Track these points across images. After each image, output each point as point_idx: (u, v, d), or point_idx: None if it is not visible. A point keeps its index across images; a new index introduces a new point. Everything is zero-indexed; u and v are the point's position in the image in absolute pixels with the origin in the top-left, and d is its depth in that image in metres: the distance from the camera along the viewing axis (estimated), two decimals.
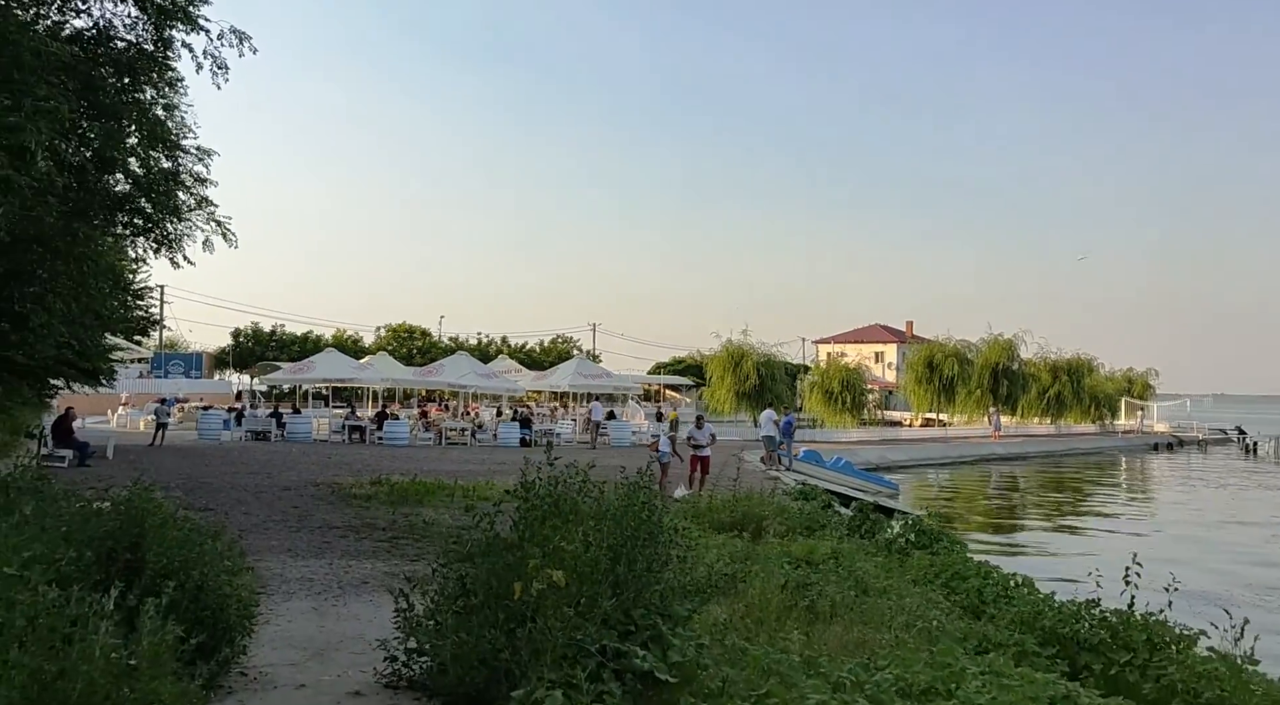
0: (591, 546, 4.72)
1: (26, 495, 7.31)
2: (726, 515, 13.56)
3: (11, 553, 3.94)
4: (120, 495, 10.07)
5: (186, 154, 17.04)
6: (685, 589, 5.11)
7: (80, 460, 21.29)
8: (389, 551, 11.73)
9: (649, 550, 4.96)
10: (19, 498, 7.18)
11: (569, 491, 5.29)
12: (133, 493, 5.46)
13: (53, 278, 12.05)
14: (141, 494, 5.47)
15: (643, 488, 5.62)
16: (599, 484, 5.80)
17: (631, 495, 5.50)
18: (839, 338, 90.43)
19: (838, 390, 46.49)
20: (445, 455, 28.36)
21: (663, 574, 4.94)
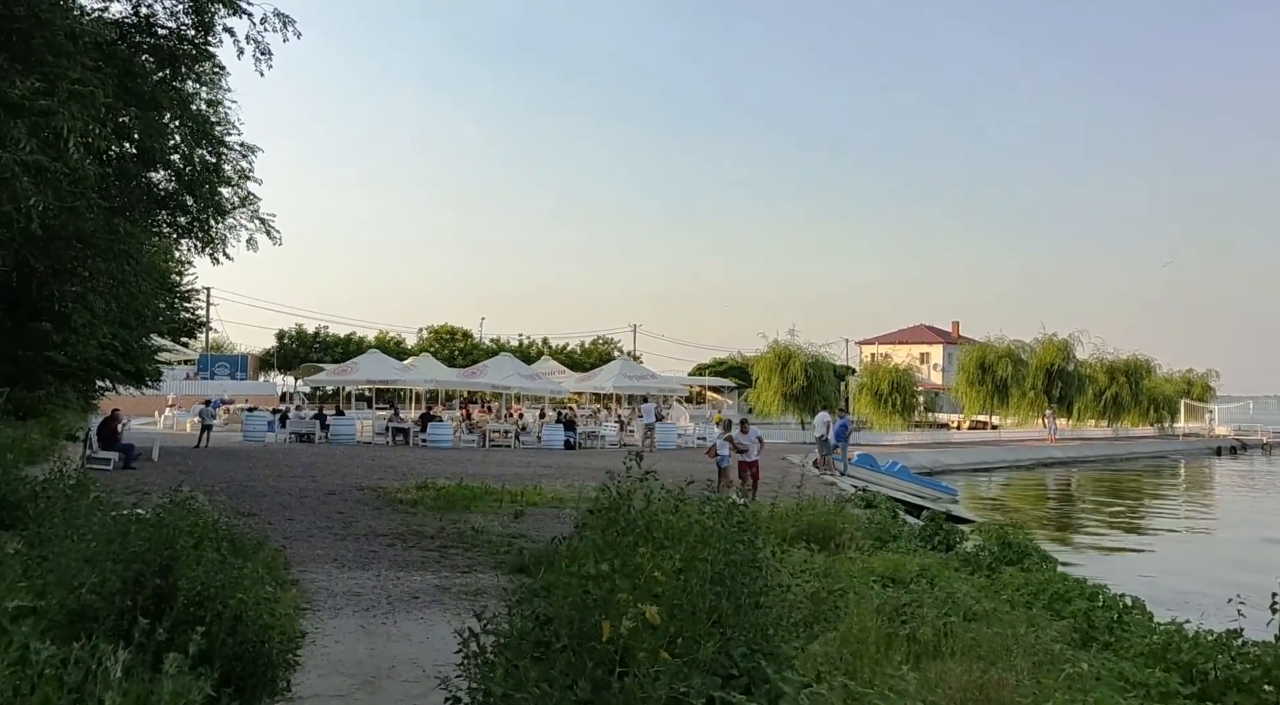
0: (688, 575, 4.01)
1: (58, 503, 6.81)
2: (792, 525, 12.79)
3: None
4: (160, 503, 9.61)
5: (230, 150, 16.65)
6: (790, 622, 4.38)
7: (125, 463, 21.06)
8: (438, 562, 11.14)
9: (751, 578, 4.25)
10: (50, 506, 6.67)
11: (663, 509, 4.58)
12: (164, 509, 4.85)
13: (93, 276, 11.64)
14: (172, 511, 4.85)
15: (738, 503, 4.90)
16: (686, 497, 5.09)
17: (728, 512, 4.79)
18: (883, 338, 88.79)
19: (887, 392, 45.33)
20: (489, 458, 27.86)
21: (766, 605, 4.22)
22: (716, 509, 4.76)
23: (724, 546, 4.24)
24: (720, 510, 4.78)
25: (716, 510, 4.75)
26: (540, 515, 15.49)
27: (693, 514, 4.60)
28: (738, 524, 4.64)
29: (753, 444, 18.89)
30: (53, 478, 7.86)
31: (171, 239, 18.25)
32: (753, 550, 4.43)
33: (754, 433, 19.42)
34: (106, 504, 7.86)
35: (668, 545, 4.13)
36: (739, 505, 5.69)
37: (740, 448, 18.86)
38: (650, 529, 4.21)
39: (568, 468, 24.92)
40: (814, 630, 5.15)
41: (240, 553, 9.12)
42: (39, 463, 10.18)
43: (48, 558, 4.30)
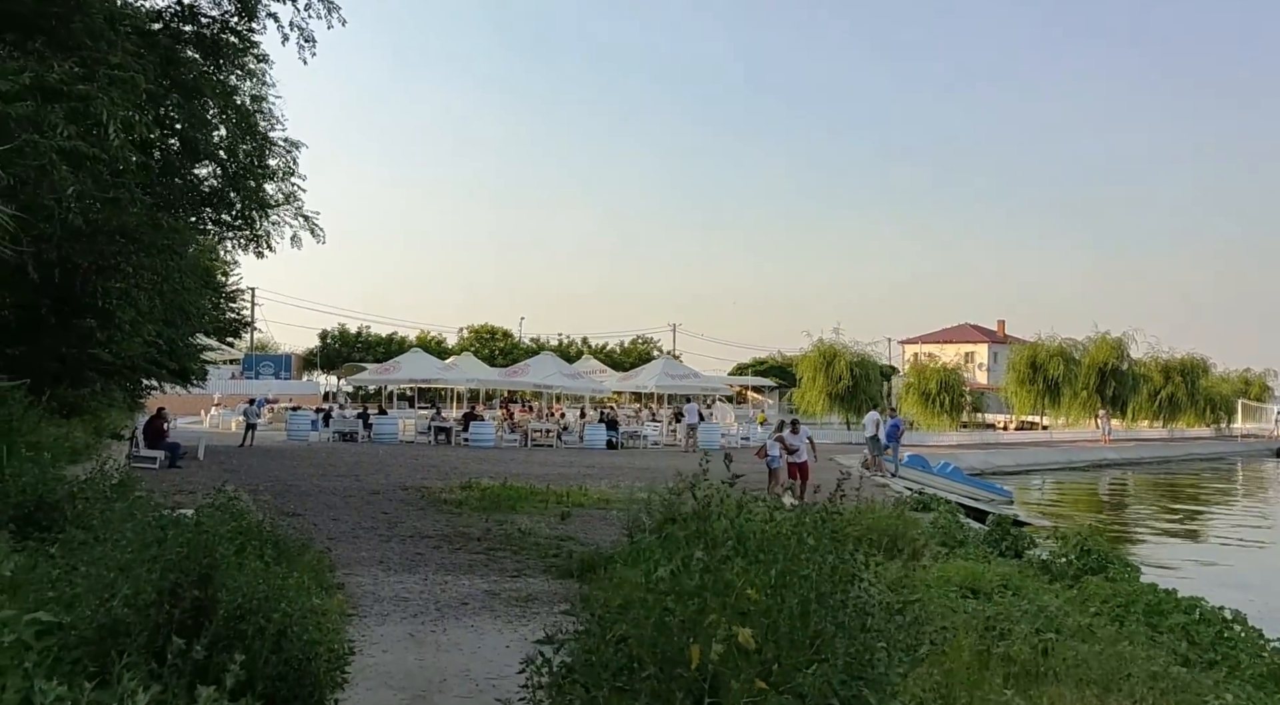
0: (785, 593, 3.53)
1: (97, 504, 6.50)
2: (854, 530, 12.25)
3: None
4: (202, 504, 9.34)
5: (274, 146, 16.46)
6: (893, 644, 3.88)
7: (171, 461, 21.05)
8: (486, 565, 10.77)
9: (854, 596, 3.76)
10: (89, 507, 6.37)
11: (755, 519, 4.11)
12: (204, 512, 4.47)
13: (137, 272, 11.44)
14: (212, 515, 4.48)
15: (833, 511, 4.42)
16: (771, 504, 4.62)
17: (822, 522, 4.30)
18: (927, 338, 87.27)
19: (935, 391, 44.30)
20: (531, 457, 27.56)
21: (874, 628, 3.73)
22: (809, 517, 4.27)
23: (824, 560, 3.74)
24: (813, 519, 4.28)
25: (808, 519, 4.25)
26: (587, 517, 15.10)
27: (787, 523, 4.09)
28: (832, 534, 4.14)
29: (803, 444, 18.38)
30: (94, 477, 7.59)
31: (216, 237, 18.09)
32: (855, 565, 3.93)
33: (804, 433, 18.92)
34: (147, 505, 7.57)
35: (762, 559, 3.64)
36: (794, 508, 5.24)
37: (790, 448, 18.34)
38: (742, 541, 3.72)
39: (611, 468, 24.52)
40: (918, 653, 4.63)
41: (285, 555, 8.82)
42: (81, 461, 9.97)
43: (77, 567, 3.94)
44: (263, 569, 4.30)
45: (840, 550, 3.99)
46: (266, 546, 8.61)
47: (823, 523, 4.52)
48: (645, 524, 11.45)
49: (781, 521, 4.33)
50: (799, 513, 5.52)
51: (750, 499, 5.72)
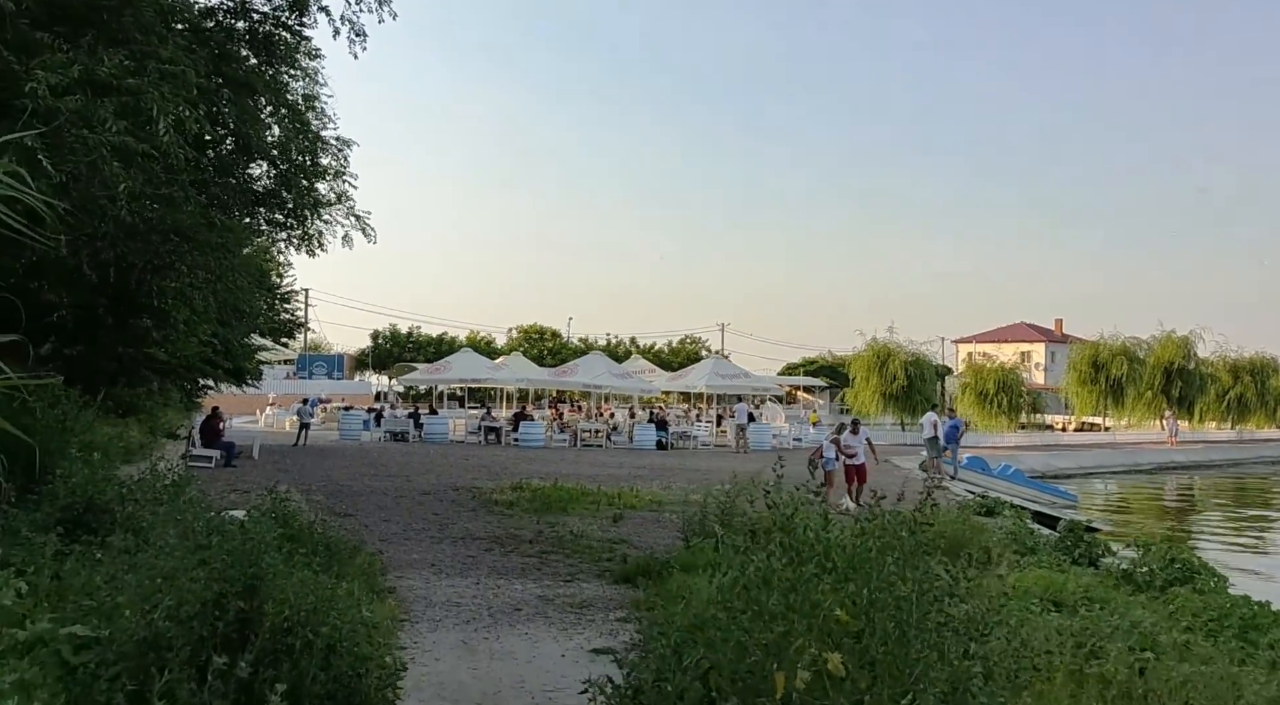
0: (876, 614, 3.18)
1: (147, 506, 6.37)
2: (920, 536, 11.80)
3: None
4: (253, 506, 9.22)
5: (326, 146, 16.45)
6: (991, 670, 3.50)
7: (226, 461, 21.24)
8: (538, 569, 10.52)
9: (950, 618, 3.40)
10: (139, 509, 6.23)
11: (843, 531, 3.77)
12: (251, 518, 4.25)
13: (191, 271, 11.41)
14: (259, 521, 4.25)
15: (921, 523, 4.06)
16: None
17: (909, 534, 3.94)
18: (981, 337, 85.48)
19: (993, 391, 43.18)
20: (581, 458, 27.37)
21: (979, 654, 3.36)
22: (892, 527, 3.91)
23: (921, 578, 3.38)
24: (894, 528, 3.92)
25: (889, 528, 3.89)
26: (639, 519, 14.82)
27: (876, 535, 3.74)
28: (917, 546, 3.78)
29: (861, 446, 17.89)
30: (145, 478, 7.48)
31: (269, 238, 18.14)
32: (951, 582, 3.56)
33: (863, 434, 18.44)
34: (198, 507, 7.44)
35: (852, 577, 3.30)
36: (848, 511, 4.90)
37: (848, 451, 17.88)
38: (829, 555, 3.38)
39: (662, 469, 24.22)
40: (1019, 680, 4.24)
41: (336, 558, 8.67)
42: (136, 461, 9.94)
43: (115, 576, 3.75)
44: (311, 578, 4.05)
45: (928, 565, 3.62)
46: (318, 549, 8.49)
47: (909, 535, 4.15)
48: (700, 528, 11.13)
49: (868, 533, 3.97)
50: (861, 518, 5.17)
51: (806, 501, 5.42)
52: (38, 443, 7.92)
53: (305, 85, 14.85)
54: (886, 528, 3.94)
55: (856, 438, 17.89)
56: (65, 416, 8.31)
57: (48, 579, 4.68)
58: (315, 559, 8.13)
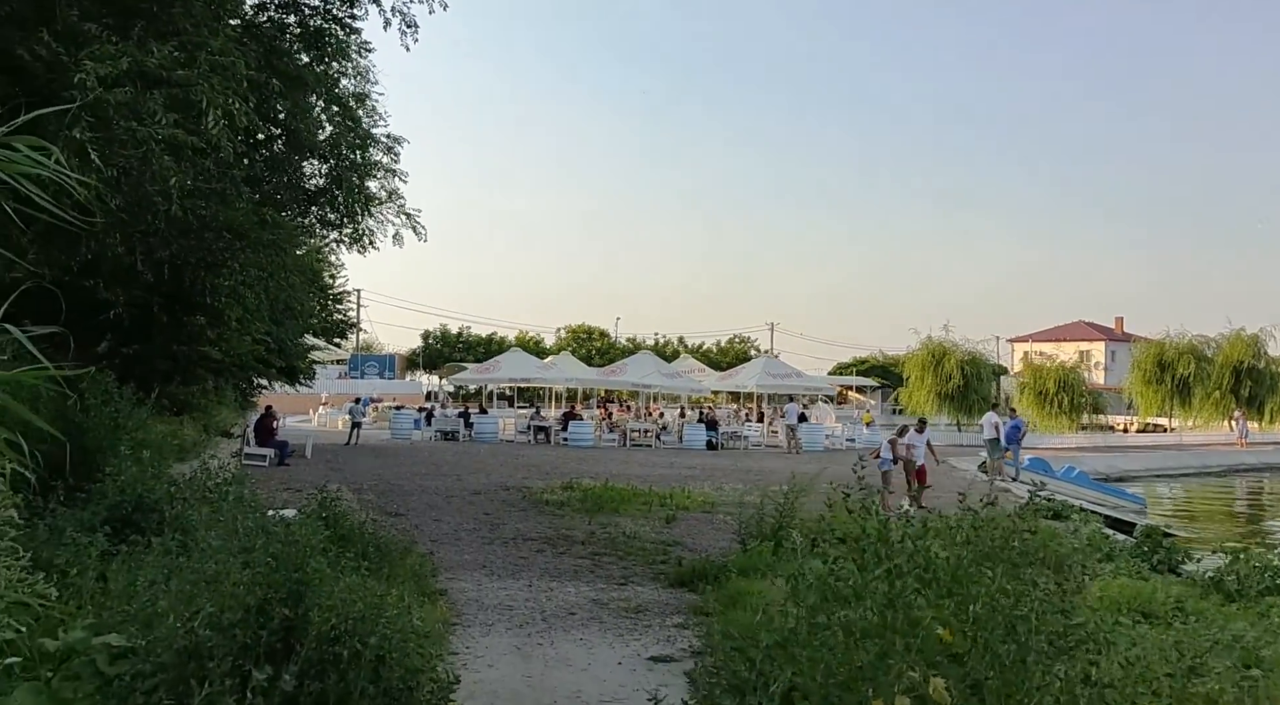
0: (984, 633, 2.84)
1: (196, 505, 6.23)
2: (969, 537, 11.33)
3: None
4: (302, 507, 9.11)
5: (377, 143, 16.40)
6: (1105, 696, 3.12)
7: (280, 459, 21.39)
8: (592, 571, 10.27)
9: (1078, 640, 3.03)
10: (186, 509, 6.09)
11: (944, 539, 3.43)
12: (298, 519, 4.03)
13: (244, 268, 11.38)
14: (305, 523, 4.03)
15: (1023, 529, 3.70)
16: None
17: (1006, 543, 3.58)
18: (1037, 336, 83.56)
19: (1053, 391, 41.96)
20: (631, 458, 27.10)
21: (1091, 679, 2.99)
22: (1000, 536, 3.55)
23: (1030, 593, 3.02)
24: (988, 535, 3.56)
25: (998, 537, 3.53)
26: (692, 520, 14.51)
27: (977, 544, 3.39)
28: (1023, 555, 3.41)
29: (923, 446, 17.43)
30: (196, 476, 7.36)
31: (321, 236, 18.18)
32: (1059, 598, 3.20)
33: (926, 434, 18.01)
34: (246, 506, 7.31)
35: (956, 592, 2.95)
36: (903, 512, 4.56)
37: (906, 454, 17.38)
38: (930, 567, 3.03)
39: (713, 469, 23.85)
40: None
41: (387, 559, 8.50)
42: (189, 459, 9.89)
43: (155, 580, 3.55)
44: (360, 583, 3.82)
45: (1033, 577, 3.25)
46: (368, 551, 8.33)
47: (1007, 544, 3.79)
48: (758, 530, 10.79)
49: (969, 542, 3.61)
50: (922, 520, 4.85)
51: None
52: (90, 441, 7.90)
53: (357, 83, 14.78)
54: (987, 535, 3.58)
55: (921, 437, 17.46)
56: (118, 414, 8.25)
57: (92, 581, 4.51)
58: (365, 562, 7.99)
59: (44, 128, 6.50)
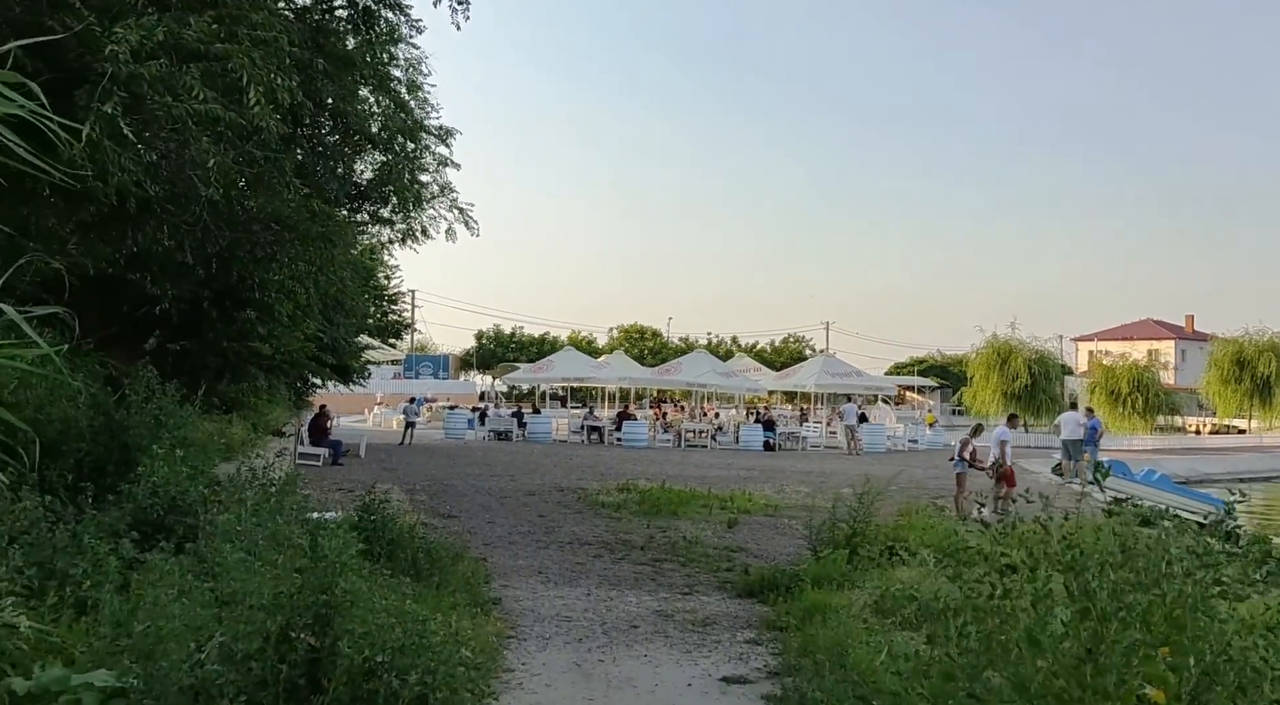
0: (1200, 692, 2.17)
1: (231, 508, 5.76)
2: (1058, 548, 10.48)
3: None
4: (358, 504, 8.67)
5: (429, 134, 16.00)
6: None
7: (334, 459, 21.20)
8: (653, 579, 9.67)
9: None
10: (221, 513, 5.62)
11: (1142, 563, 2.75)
12: (330, 528, 3.50)
13: (293, 262, 11.01)
14: (336, 534, 3.48)
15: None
16: None
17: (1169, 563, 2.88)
18: (1103, 335, 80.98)
19: (1126, 391, 40.25)
20: (686, 459, 26.45)
21: None
22: None
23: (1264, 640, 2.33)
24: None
25: None
26: (755, 524, 13.83)
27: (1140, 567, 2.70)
28: None
29: (995, 446, 16.47)
30: (236, 477, 6.93)
31: (374, 237, 17.88)
32: None
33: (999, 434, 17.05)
34: (288, 511, 6.85)
35: (1173, 640, 2.27)
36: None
37: (978, 458, 16.48)
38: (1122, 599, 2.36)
39: (772, 471, 23.09)
40: None
41: (437, 565, 8.01)
42: (235, 459, 9.52)
43: (158, 602, 3.03)
44: (399, 604, 3.25)
45: None
46: (417, 557, 7.84)
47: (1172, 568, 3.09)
48: (830, 537, 10.09)
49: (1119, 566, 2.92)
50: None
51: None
52: (131, 439, 7.53)
53: (408, 73, 14.40)
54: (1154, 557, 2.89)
55: (1010, 434, 16.51)
56: (161, 411, 7.88)
57: (109, 595, 4.02)
58: (413, 570, 7.50)
59: (75, 105, 6.12)
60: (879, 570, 9.12)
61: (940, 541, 9.97)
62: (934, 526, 10.26)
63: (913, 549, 9.85)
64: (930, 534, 9.99)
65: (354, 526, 8.15)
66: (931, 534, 9.99)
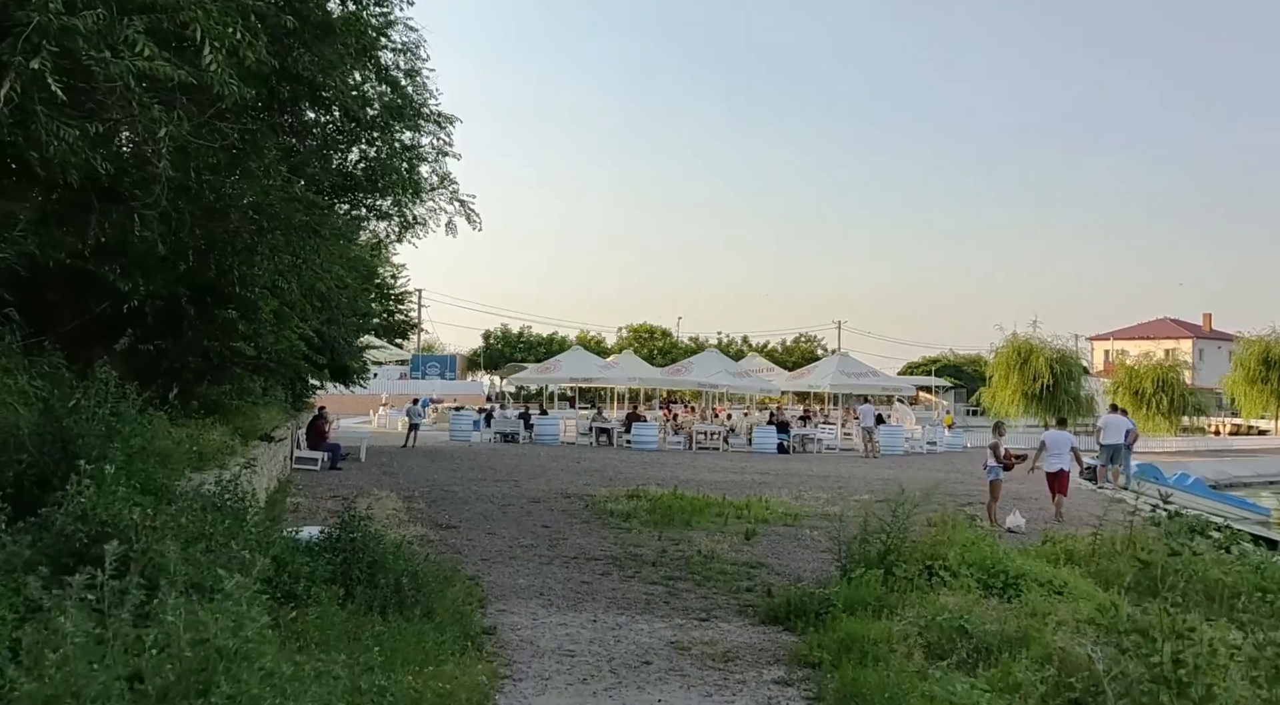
0: None
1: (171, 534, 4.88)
2: (1122, 567, 9.59)
3: None
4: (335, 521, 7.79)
5: (427, 122, 15.14)
6: None
7: (332, 463, 20.39)
8: (667, 602, 8.77)
9: None
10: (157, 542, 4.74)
11: None
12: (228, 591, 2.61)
13: (274, 253, 10.12)
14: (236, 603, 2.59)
15: None
16: None
17: None
18: (1119, 334, 79.99)
19: (1150, 391, 39.09)
20: (698, 462, 25.54)
21: None
22: None
23: None
24: None
25: None
26: (774, 535, 12.91)
27: None
28: None
29: (1066, 450, 15.83)
30: (189, 496, 6.06)
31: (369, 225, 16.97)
32: None
33: (1065, 437, 16.45)
34: (251, 529, 5.99)
35: None
36: None
37: (1012, 455, 15.56)
38: None
39: (788, 475, 22.15)
40: None
41: (424, 591, 7.13)
42: (210, 468, 8.66)
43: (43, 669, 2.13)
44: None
45: None
46: (400, 581, 6.97)
47: None
48: (862, 554, 9.16)
49: None
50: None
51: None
52: (83, 448, 6.66)
53: (406, 60, 13.54)
54: None
55: (1065, 437, 15.86)
56: (122, 417, 7.00)
57: None
58: (396, 596, 6.62)
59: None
60: (918, 593, 8.21)
61: (983, 560, 9.05)
62: (975, 542, 9.31)
63: (953, 568, 8.95)
64: (972, 551, 9.05)
65: (329, 547, 7.31)
66: (974, 551, 9.05)
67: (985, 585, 8.59)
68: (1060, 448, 15.84)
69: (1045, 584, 8.57)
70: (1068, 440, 16.30)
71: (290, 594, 6.06)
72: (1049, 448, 15.94)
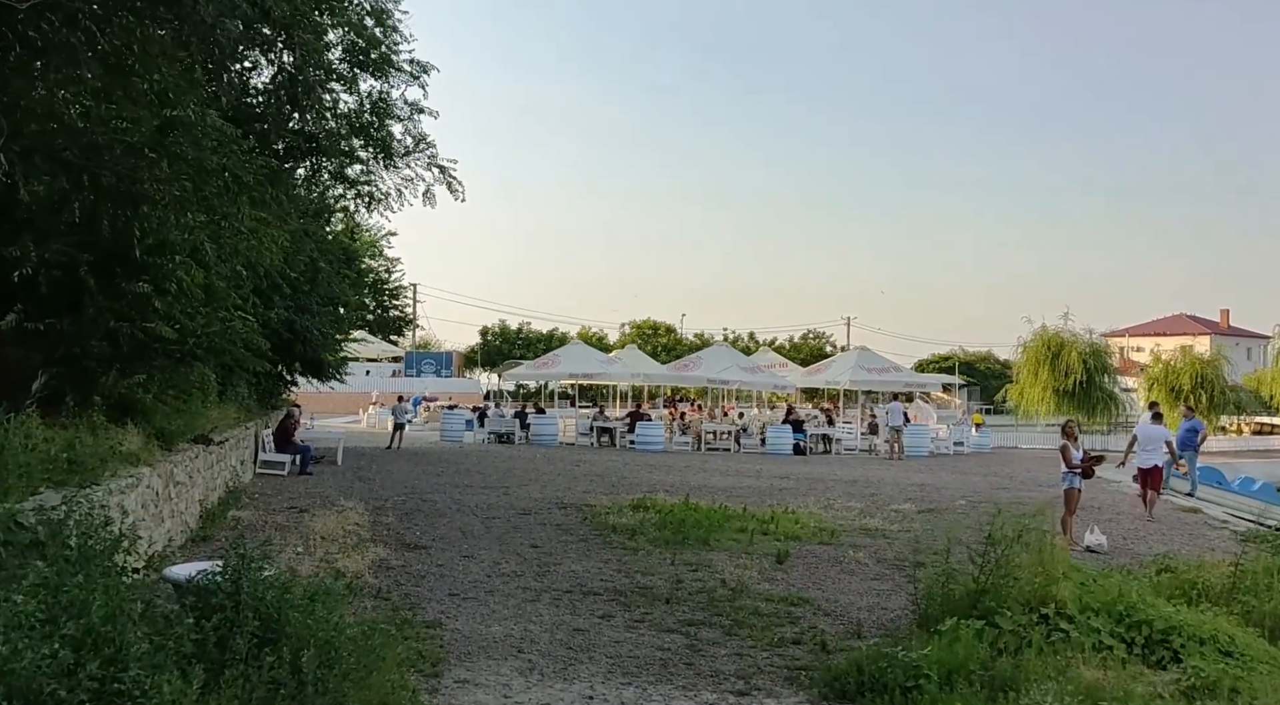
0: None
1: None
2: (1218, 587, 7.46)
3: None
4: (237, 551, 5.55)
5: (399, 72, 12.99)
6: None
7: (301, 467, 18.16)
8: (689, 663, 6.52)
9: None
10: None
11: None
12: None
13: (180, 204, 7.91)
14: None
15: None
16: None
17: None
18: (1134, 330, 77.73)
19: (1188, 388, 36.74)
20: (709, 464, 23.26)
21: None
22: None
23: None
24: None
25: None
26: (811, 558, 10.65)
27: None
28: None
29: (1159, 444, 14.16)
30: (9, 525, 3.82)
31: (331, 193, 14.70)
32: None
33: (1158, 430, 14.79)
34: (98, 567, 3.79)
35: None
36: None
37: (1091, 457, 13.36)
38: None
39: (810, 480, 19.86)
40: None
41: (336, 669, 4.87)
42: (75, 481, 6.42)
43: None
44: None
45: None
46: (299, 656, 4.71)
47: None
48: (946, 597, 6.93)
49: None
50: None
51: None
52: None
53: None
54: None
55: (1156, 430, 14.24)
56: None
57: None
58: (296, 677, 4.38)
59: None
60: (1037, 656, 5.96)
61: (1111, 603, 6.80)
62: (1096, 578, 7.05)
63: (1071, 614, 6.73)
64: (1096, 592, 6.78)
65: (200, 600, 5.09)
66: (1099, 592, 6.78)
67: (1122, 639, 6.35)
68: (1154, 442, 13.93)
69: (1208, 641, 6.28)
70: (1162, 434, 14.67)
71: (105, 692, 3.84)
72: (1142, 442, 13.96)
